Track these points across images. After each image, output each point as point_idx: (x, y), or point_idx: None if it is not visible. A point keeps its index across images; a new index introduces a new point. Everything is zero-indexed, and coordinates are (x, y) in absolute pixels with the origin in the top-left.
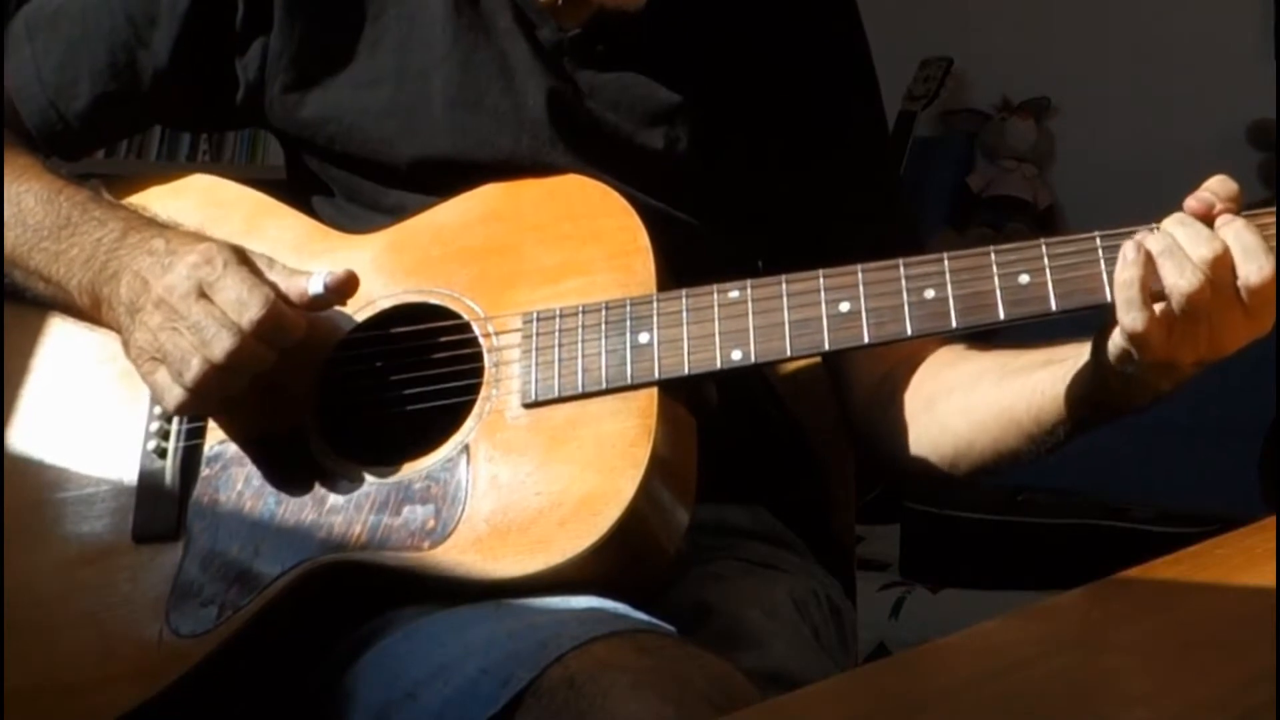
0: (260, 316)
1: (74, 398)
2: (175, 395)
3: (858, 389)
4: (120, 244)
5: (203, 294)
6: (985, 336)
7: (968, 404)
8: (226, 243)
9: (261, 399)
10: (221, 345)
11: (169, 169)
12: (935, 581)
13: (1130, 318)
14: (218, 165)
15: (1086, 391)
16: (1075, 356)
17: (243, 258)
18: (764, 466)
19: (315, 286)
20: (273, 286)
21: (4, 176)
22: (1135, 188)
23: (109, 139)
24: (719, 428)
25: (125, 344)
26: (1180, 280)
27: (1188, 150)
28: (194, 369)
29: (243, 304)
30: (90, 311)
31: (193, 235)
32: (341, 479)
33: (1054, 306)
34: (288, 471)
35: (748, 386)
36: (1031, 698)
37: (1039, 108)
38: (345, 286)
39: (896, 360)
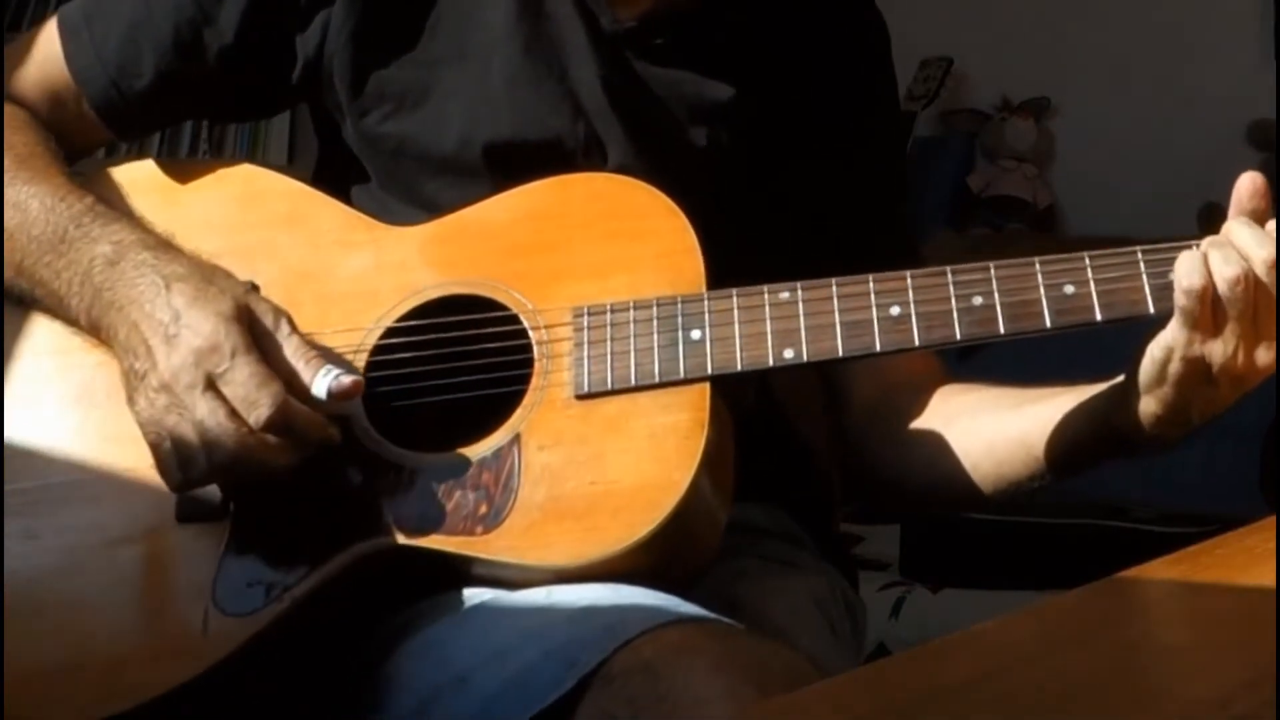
0: (268, 418)
1: (115, 377)
2: (175, 480)
3: (856, 406)
4: (112, 269)
5: (210, 385)
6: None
7: (975, 426)
8: (233, 312)
9: None
10: (225, 450)
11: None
12: (935, 581)
13: (1189, 277)
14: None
15: (1106, 414)
16: (1096, 387)
17: (252, 331)
18: (781, 467)
19: (319, 389)
20: (286, 375)
21: (16, 169)
22: (1135, 188)
23: (167, 121)
24: (736, 429)
25: (128, 397)
26: (1225, 268)
27: (1188, 150)
28: (199, 466)
29: (251, 403)
30: (91, 334)
31: (192, 278)
32: (390, 464)
33: (1099, 316)
34: (335, 456)
35: (755, 389)
36: (1031, 698)
37: (1039, 108)
38: (349, 394)
39: (896, 381)
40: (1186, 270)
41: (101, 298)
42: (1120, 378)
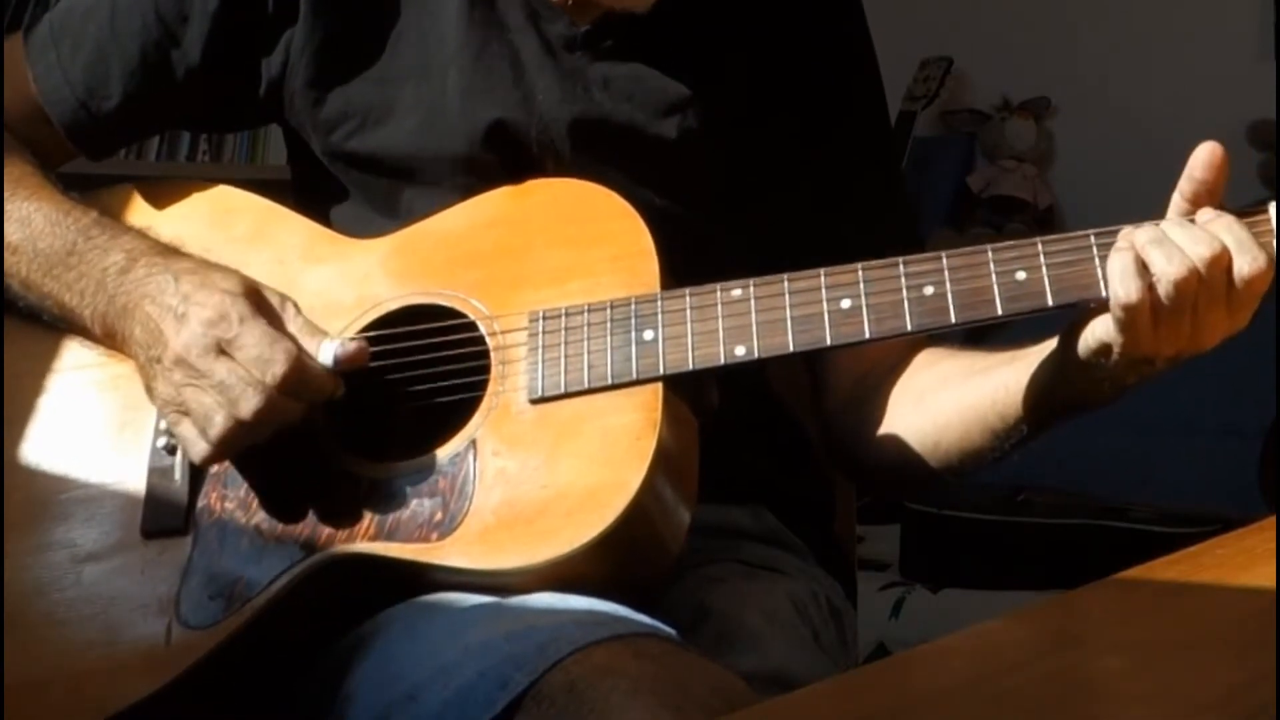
0: (285, 373)
1: (83, 397)
2: (200, 450)
3: (837, 390)
4: (125, 276)
5: (222, 352)
6: (974, 339)
7: (935, 404)
8: (240, 290)
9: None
10: (249, 404)
11: (169, 170)
12: (935, 581)
13: (1125, 288)
14: (217, 165)
15: (1049, 386)
16: (1039, 353)
17: (258, 305)
18: (767, 468)
19: (325, 357)
20: (292, 339)
21: (14, 189)
22: (1135, 188)
23: (137, 138)
24: (721, 429)
25: (147, 388)
26: (1169, 267)
27: (1188, 150)
28: (219, 426)
29: (266, 361)
30: (105, 341)
31: (200, 270)
32: (350, 474)
33: (1050, 302)
34: (297, 466)
35: (750, 389)
36: (1031, 698)
37: (1039, 108)
38: (355, 360)
39: (875, 360)
40: (1123, 283)
41: (115, 304)
42: (1053, 345)
